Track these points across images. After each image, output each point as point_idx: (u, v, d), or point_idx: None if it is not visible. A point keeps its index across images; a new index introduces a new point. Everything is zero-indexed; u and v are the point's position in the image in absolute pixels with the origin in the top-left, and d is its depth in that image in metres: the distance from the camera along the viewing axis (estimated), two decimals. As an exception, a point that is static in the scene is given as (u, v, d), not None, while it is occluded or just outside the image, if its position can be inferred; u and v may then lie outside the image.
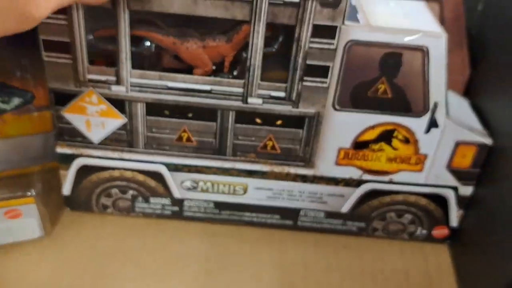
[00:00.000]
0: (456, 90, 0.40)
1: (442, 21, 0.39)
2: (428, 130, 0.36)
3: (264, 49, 0.33)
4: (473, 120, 0.38)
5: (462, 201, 0.39)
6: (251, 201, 0.40)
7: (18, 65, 0.36)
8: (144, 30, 0.34)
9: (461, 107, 0.39)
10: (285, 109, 0.35)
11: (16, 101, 0.36)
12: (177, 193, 0.39)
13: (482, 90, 0.39)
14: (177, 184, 0.39)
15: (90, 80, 0.34)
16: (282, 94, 0.34)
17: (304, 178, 0.38)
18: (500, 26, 0.37)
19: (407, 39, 0.32)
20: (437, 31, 0.33)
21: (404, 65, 0.33)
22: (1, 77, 0.36)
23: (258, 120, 0.36)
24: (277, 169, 0.38)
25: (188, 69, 0.34)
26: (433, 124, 0.35)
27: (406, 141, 0.36)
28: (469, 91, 0.40)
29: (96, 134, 0.37)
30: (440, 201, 0.39)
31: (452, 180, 0.38)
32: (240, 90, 0.34)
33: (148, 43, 0.34)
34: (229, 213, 0.41)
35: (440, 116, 0.35)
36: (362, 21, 0.33)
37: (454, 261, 0.41)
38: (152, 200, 0.40)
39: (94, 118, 0.36)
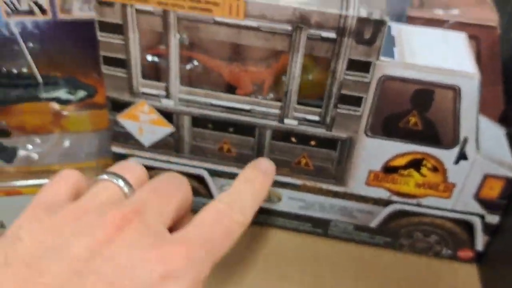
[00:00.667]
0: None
1: (479, 57, 0.39)
2: (457, 162, 0.37)
3: (301, 77, 0.35)
4: (505, 152, 0.38)
5: (488, 228, 0.40)
6: (284, 209, 0.43)
7: (85, 63, 0.41)
8: (193, 51, 0.36)
9: (495, 137, 0.40)
10: (319, 131, 0.37)
11: (81, 93, 0.40)
12: (217, 195, 0.43)
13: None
14: (217, 187, 0.42)
15: (143, 93, 0.38)
16: (316, 118, 0.37)
17: (335, 194, 0.41)
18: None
19: (440, 78, 0.33)
20: (470, 71, 0.33)
21: (436, 101, 0.34)
22: (71, 73, 0.40)
23: (293, 139, 0.38)
24: (309, 183, 0.40)
25: (231, 89, 0.37)
26: (462, 156, 0.36)
27: (435, 169, 0.37)
28: (504, 121, 0.41)
29: (147, 139, 0.40)
30: (466, 226, 0.40)
31: (479, 209, 0.39)
32: (277, 111, 0.37)
33: (196, 63, 0.37)
34: (264, 217, 0.44)
35: (469, 150, 0.36)
36: (398, 56, 0.34)
37: (481, 279, 0.42)
38: (194, 199, 0.44)
39: (145, 125, 0.39)
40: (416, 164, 0.38)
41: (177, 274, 0.26)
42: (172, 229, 0.30)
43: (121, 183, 0.30)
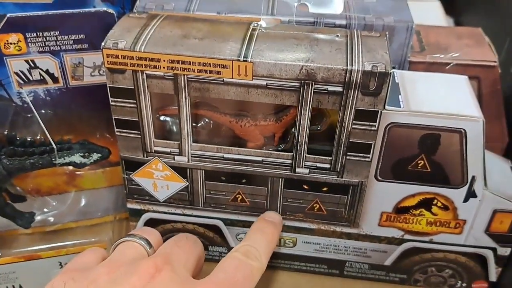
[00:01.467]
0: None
1: (480, 96, 0.40)
2: (466, 200, 0.38)
3: (311, 128, 0.36)
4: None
5: (501, 260, 0.41)
6: (299, 252, 0.43)
7: (98, 126, 0.41)
8: (204, 110, 0.37)
9: (502, 171, 0.41)
10: (330, 178, 0.38)
11: (95, 156, 0.41)
12: (232, 243, 0.44)
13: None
14: (232, 236, 0.43)
15: (156, 151, 0.38)
16: (327, 165, 0.37)
17: (349, 236, 0.41)
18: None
19: (445, 123, 0.34)
20: (475, 114, 0.35)
21: (442, 144, 0.35)
22: (84, 136, 0.41)
23: (305, 186, 0.39)
24: (323, 227, 0.41)
25: (242, 142, 0.38)
26: (471, 195, 0.37)
27: (445, 208, 0.38)
28: (509, 154, 0.42)
29: (161, 194, 0.41)
30: (479, 259, 0.41)
31: (490, 242, 0.40)
32: (289, 161, 0.38)
33: (207, 120, 0.38)
34: (280, 261, 0.44)
35: (478, 188, 0.37)
36: (403, 103, 0.35)
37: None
38: (210, 248, 0.44)
39: (159, 181, 0.40)
40: (426, 203, 0.38)
41: None
42: None
43: (143, 242, 0.32)
